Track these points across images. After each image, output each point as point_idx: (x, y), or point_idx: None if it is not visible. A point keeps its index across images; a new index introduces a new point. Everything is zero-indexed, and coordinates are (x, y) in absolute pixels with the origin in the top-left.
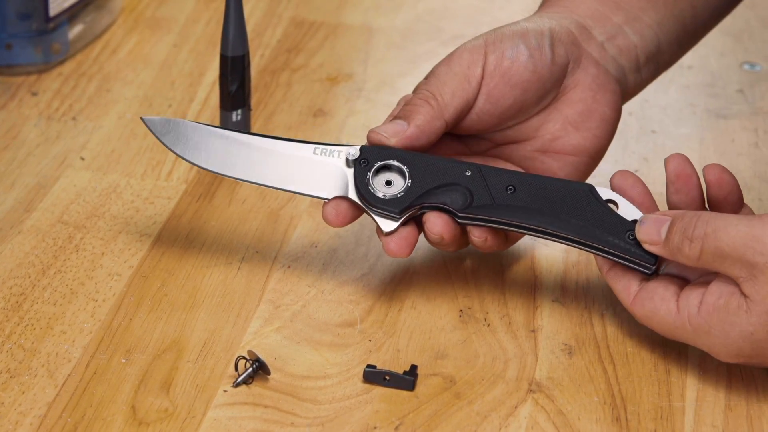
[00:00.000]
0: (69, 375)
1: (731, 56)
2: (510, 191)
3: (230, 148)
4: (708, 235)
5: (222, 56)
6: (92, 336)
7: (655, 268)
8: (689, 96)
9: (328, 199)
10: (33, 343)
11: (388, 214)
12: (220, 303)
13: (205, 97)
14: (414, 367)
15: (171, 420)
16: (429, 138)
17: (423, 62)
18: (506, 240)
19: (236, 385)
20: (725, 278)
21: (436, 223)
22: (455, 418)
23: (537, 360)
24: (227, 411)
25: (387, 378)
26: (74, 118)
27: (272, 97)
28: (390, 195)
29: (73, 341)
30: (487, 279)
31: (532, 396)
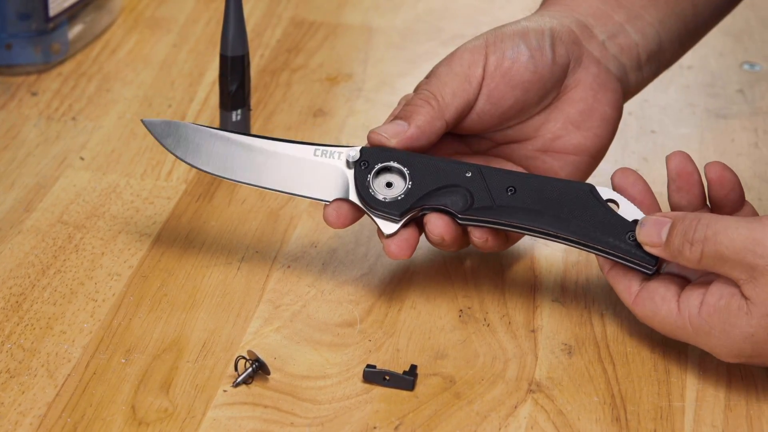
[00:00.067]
0: (69, 375)
1: (731, 56)
2: (510, 192)
3: (231, 151)
4: (708, 239)
5: (222, 56)
6: (92, 336)
7: (656, 269)
8: (689, 96)
9: (329, 202)
10: (33, 343)
11: (389, 217)
12: (220, 303)
13: (205, 97)
14: (414, 367)
15: (171, 420)
16: (429, 138)
17: (423, 62)
18: (507, 240)
19: (236, 385)
20: (726, 279)
21: (437, 225)
22: (455, 418)
23: (537, 360)
24: (227, 411)
25: (387, 378)
26: (74, 118)
27: (272, 97)
28: (390, 197)
29: (73, 341)
30: (487, 279)
31: (532, 396)
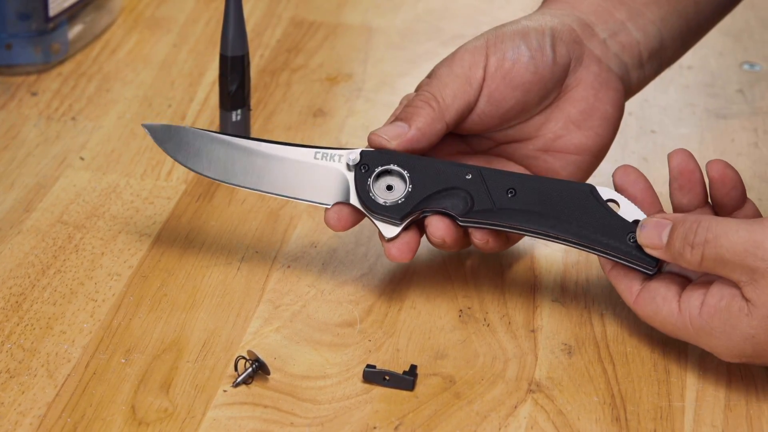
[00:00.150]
0: (69, 375)
1: (731, 56)
2: (511, 194)
3: (231, 155)
4: (709, 241)
5: (222, 56)
6: (92, 336)
7: (657, 270)
8: (689, 96)
9: (330, 206)
10: (33, 343)
11: (390, 221)
12: (220, 303)
13: (205, 97)
14: (414, 367)
15: (171, 420)
16: (430, 140)
17: (423, 62)
18: (507, 241)
19: (236, 385)
20: (726, 280)
21: (438, 227)
22: (455, 418)
23: (537, 360)
24: (227, 411)
25: (387, 378)
26: (74, 118)
27: (272, 97)
28: (391, 201)
29: (73, 341)
30: (487, 279)
31: (532, 396)
